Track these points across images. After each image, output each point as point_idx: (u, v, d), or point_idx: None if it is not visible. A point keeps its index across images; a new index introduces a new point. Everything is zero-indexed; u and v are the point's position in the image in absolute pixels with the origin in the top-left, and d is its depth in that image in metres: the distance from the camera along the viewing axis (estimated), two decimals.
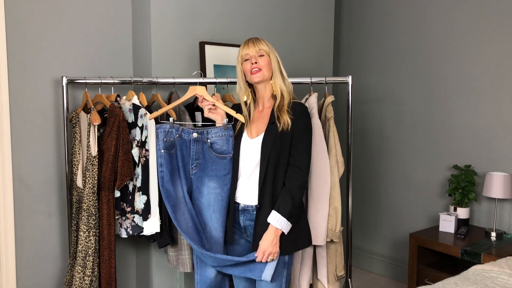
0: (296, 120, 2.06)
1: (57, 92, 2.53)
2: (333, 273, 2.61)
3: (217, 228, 2.13)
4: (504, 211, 3.10)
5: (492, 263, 2.37)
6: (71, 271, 2.37)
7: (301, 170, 2.05)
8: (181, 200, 2.19)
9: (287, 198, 2.01)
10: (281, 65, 2.14)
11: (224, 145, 2.15)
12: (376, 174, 3.86)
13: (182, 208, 2.18)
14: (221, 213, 2.13)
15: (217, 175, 2.14)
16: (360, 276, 3.83)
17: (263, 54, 2.09)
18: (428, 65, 3.48)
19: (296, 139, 2.06)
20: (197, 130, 2.18)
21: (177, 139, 2.19)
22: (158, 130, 2.19)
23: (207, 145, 2.16)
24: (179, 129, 2.20)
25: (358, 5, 3.95)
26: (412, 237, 3.06)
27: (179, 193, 2.19)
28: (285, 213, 1.99)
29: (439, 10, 3.40)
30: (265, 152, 2.04)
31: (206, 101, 2.21)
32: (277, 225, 1.99)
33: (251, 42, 2.11)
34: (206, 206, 2.15)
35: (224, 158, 2.14)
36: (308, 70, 3.36)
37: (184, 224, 2.15)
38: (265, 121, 2.12)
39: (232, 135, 2.14)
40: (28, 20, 2.45)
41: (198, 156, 2.18)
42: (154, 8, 2.67)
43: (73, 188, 2.40)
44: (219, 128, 2.16)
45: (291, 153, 2.06)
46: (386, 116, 3.78)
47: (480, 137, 3.21)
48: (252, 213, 2.10)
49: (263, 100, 2.17)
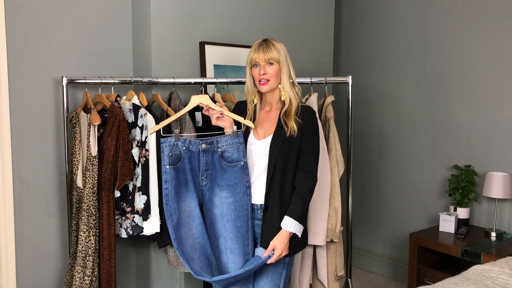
0: (306, 124, 2.07)
1: (57, 92, 2.53)
2: (333, 273, 2.61)
3: (232, 239, 2.09)
4: (504, 211, 3.10)
5: (492, 263, 2.37)
6: (71, 271, 2.37)
7: (310, 174, 2.07)
8: (189, 215, 2.12)
9: (298, 202, 2.03)
10: (291, 70, 2.11)
11: (235, 153, 2.10)
12: (376, 174, 3.86)
13: (189, 223, 2.11)
14: (235, 223, 2.09)
15: (228, 184, 2.10)
16: (360, 276, 3.83)
17: (272, 63, 2.06)
18: (428, 65, 3.48)
19: (305, 143, 2.07)
20: (206, 140, 2.11)
21: (184, 152, 2.10)
22: (163, 145, 2.07)
23: (217, 155, 2.11)
24: (186, 142, 2.10)
25: (358, 5, 3.95)
26: (412, 237, 3.06)
27: (187, 207, 2.12)
28: (298, 217, 2.03)
29: (439, 10, 3.40)
30: (273, 155, 2.05)
31: (213, 110, 2.14)
32: (291, 230, 2.02)
33: (261, 48, 2.06)
34: (219, 216, 2.11)
35: (235, 166, 2.10)
36: (308, 70, 3.36)
37: (190, 240, 2.09)
38: (272, 123, 2.12)
39: (242, 142, 2.10)
40: (28, 20, 2.45)
41: (208, 166, 2.12)
42: (154, 8, 2.67)
43: (73, 188, 2.40)
44: (229, 136, 2.10)
45: (301, 157, 2.07)
46: (386, 116, 3.78)
47: (480, 137, 3.21)
48: (257, 212, 2.11)
49: (270, 103, 2.17)
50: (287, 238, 2.02)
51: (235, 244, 2.08)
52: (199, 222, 2.11)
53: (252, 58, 2.08)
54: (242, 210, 2.09)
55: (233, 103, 2.56)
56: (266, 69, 2.06)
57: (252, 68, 2.10)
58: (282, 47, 2.09)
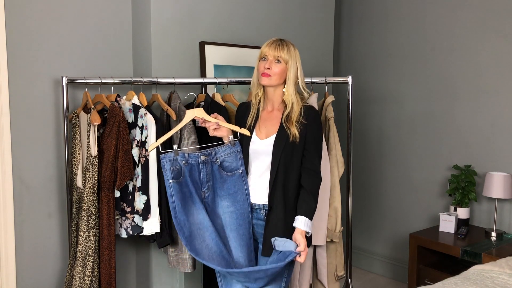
0: (309, 124, 2.09)
1: (57, 92, 2.53)
2: (333, 273, 2.61)
3: (237, 247, 2.11)
4: (504, 211, 3.10)
5: (492, 263, 2.36)
6: (71, 271, 2.37)
7: (316, 173, 2.08)
8: (199, 226, 2.12)
9: (309, 200, 2.04)
10: (299, 75, 2.11)
11: (233, 162, 2.13)
12: (376, 174, 3.86)
13: (201, 235, 2.11)
14: (237, 231, 2.11)
15: (228, 194, 2.13)
16: (360, 276, 3.83)
17: (280, 61, 2.08)
18: (429, 65, 3.48)
19: (309, 143, 2.08)
20: (204, 152, 2.14)
21: (184, 165, 2.12)
22: (163, 160, 2.09)
23: (216, 165, 2.13)
24: (185, 156, 2.12)
25: (358, 5, 3.95)
26: (412, 237, 3.06)
27: (196, 219, 2.12)
28: (311, 216, 2.04)
29: (440, 10, 3.40)
30: (276, 154, 2.06)
31: (209, 122, 2.16)
32: (306, 228, 2.02)
33: (273, 45, 2.08)
34: (224, 226, 2.13)
35: (233, 175, 2.12)
36: (308, 70, 3.33)
37: (206, 251, 2.09)
38: (275, 123, 2.13)
39: (240, 151, 2.13)
40: (28, 20, 2.45)
41: (209, 178, 2.15)
42: (154, 8, 2.67)
43: (73, 188, 2.40)
44: (226, 146, 2.13)
45: (306, 156, 2.08)
46: (386, 116, 3.78)
47: (480, 137, 3.21)
48: (259, 212, 2.12)
49: (272, 102, 2.17)
50: (304, 236, 2.02)
51: (240, 253, 2.10)
52: (211, 231, 2.11)
53: (262, 51, 2.11)
54: (243, 218, 2.11)
55: (233, 103, 2.56)
56: (272, 65, 2.07)
57: (260, 60, 2.12)
58: (296, 52, 2.12)
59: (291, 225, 2.04)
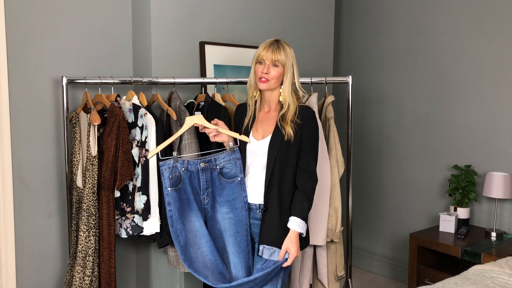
0: (305, 125, 2.08)
1: (57, 92, 2.53)
2: (333, 273, 2.61)
3: (234, 253, 2.12)
4: (504, 211, 3.10)
5: (492, 263, 2.36)
6: (71, 271, 2.37)
7: (311, 173, 2.08)
8: (196, 234, 2.14)
9: (303, 201, 2.04)
10: (295, 75, 2.11)
11: (233, 169, 2.13)
12: (376, 174, 3.86)
13: (197, 243, 2.13)
14: (236, 237, 2.12)
15: (227, 200, 2.14)
16: (360, 276, 3.83)
17: (277, 65, 2.07)
18: (428, 65, 3.48)
19: (305, 144, 2.08)
20: (204, 159, 2.15)
21: (183, 172, 2.12)
22: (162, 168, 2.10)
23: (216, 172, 2.14)
24: (185, 162, 2.12)
25: (358, 5, 3.95)
26: (412, 237, 3.06)
27: (193, 227, 2.14)
28: (304, 216, 2.04)
29: (439, 10, 3.40)
30: (272, 155, 2.07)
31: (208, 129, 2.16)
32: (299, 230, 2.02)
33: (271, 48, 2.06)
34: (222, 232, 2.15)
35: (232, 182, 2.13)
36: (308, 70, 3.36)
37: (201, 259, 2.11)
38: (271, 123, 2.13)
39: (239, 158, 2.13)
40: (28, 20, 2.45)
41: (208, 184, 2.15)
42: (154, 8, 2.67)
43: (73, 188, 2.40)
44: (226, 153, 2.14)
45: (301, 157, 2.08)
46: (386, 116, 3.78)
47: (480, 137, 3.21)
48: (255, 212, 2.12)
49: (268, 103, 2.17)
50: (297, 238, 2.02)
51: (237, 259, 2.11)
52: (207, 240, 2.13)
53: (259, 54, 2.09)
54: (241, 225, 2.12)
55: (233, 103, 2.56)
56: (269, 69, 2.06)
57: (257, 64, 2.11)
58: (291, 52, 2.10)
59: (286, 225, 2.04)
